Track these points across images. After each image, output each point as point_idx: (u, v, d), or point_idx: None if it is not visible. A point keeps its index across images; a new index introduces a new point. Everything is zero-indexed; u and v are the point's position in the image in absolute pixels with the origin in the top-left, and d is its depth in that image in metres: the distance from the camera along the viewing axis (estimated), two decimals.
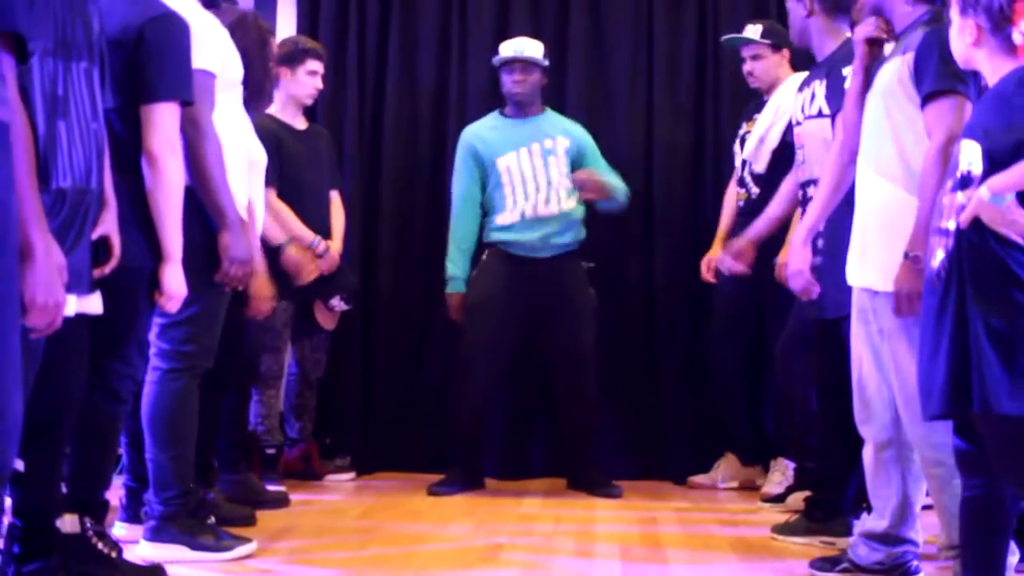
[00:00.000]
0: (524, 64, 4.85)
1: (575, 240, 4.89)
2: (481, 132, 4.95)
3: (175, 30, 3.09)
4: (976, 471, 2.57)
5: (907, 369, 2.95)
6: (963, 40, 2.66)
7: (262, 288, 3.86)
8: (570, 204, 4.84)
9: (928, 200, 2.84)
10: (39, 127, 2.45)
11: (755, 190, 4.77)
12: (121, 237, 2.89)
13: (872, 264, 3.07)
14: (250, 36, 3.92)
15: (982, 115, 2.60)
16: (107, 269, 2.87)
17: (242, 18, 3.96)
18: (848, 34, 3.77)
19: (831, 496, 3.79)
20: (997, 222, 2.46)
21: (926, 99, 2.96)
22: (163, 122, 3.05)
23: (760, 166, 4.75)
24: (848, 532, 3.65)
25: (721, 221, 4.96)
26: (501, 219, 4.85)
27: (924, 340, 2.61)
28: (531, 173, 4.83)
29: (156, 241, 3.07)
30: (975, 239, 2.49)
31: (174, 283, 3.09)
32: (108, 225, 2.86)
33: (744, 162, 4.83)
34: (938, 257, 2.56)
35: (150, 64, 3.03)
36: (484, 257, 4.92)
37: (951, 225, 2.54)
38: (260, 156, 3.99)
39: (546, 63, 4.92)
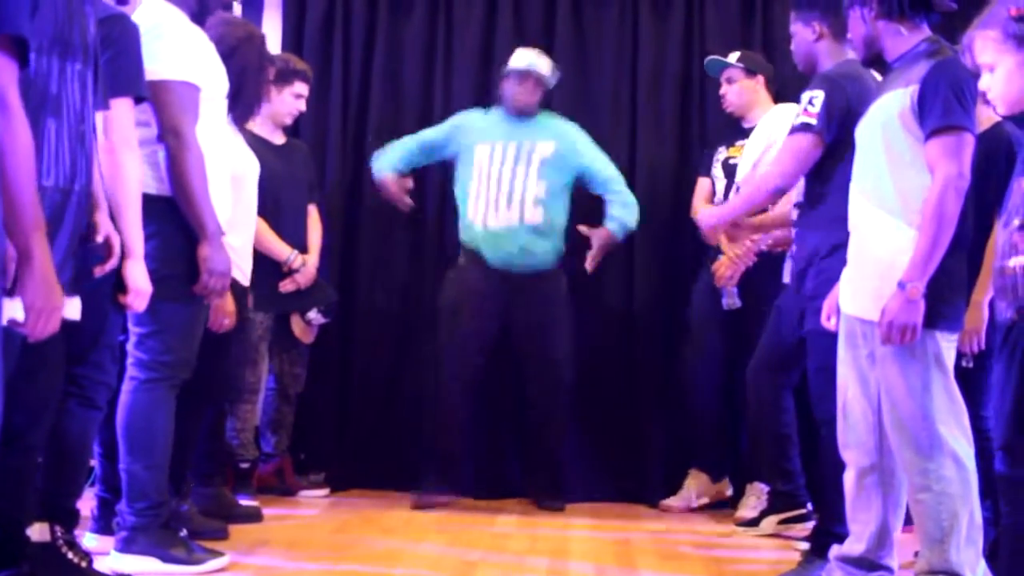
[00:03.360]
0: (537, 79, 4.88)
1: (552, 256, 4.89)
2: (474, 118, 5.02)
3: (128, 29, 3.08)
4: None
5: (897, 394, 2.96)
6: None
7: (224, 302, 3.82)
8: (536, 217, 4.84)
9: (933, 235, 2.86)
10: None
11: None
12: None
13: (866, 293, 3.04)
14: (253, 56, 3.93)
15: None
16: (107, 267, 2.86)
17: (251, 37, 3.97)
18: (850, 54, 3.74)
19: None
20: None
21: (932, 133, 2.92)
22: (118, 117, 3.03)
23: None
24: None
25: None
26: (470, 216, 4.86)
27: (998, 373, 2.68)
28: (498, 169, 4.84)
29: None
30: None
31: (138, 280, 3.07)
32: (105, 225, 2.86)
33: (730, 186, 4.84)
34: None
35: (105, 62, 2.99)
36: (460, 259, 4.93)
37: None
38: (248, 169, 3.97)
39: (554, 83, 4.96)
